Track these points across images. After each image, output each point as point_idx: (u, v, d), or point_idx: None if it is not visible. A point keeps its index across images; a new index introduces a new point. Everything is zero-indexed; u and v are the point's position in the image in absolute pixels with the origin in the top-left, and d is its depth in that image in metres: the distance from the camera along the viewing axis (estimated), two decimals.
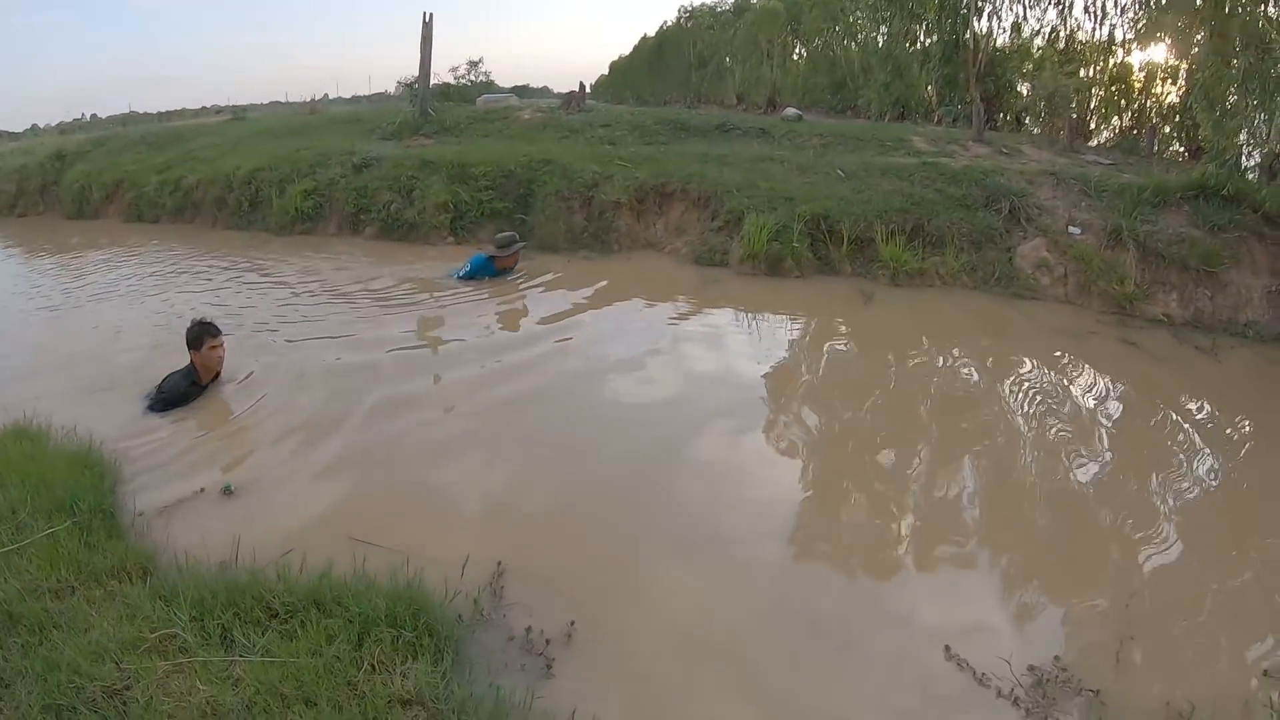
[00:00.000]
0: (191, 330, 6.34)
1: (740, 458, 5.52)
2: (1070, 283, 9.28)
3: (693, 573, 4.23)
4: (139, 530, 4.26)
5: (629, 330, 8.09)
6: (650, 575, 4.20)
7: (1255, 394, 7.17)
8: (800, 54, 25.09)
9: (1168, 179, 10.20)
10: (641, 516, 4.73)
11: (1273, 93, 8.52)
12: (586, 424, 5.96)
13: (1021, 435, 5.96)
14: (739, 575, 4.23)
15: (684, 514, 4.77)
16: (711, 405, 6.25)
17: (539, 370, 6.93)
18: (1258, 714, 3.31)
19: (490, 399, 6.33)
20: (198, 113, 38.76)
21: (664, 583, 4.14)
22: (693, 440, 5.67)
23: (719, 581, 4.18)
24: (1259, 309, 8.66)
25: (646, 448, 5.56)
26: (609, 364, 7.11)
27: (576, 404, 6.32)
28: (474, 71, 23.91)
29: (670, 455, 5.45)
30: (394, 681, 2.97)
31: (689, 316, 8.50)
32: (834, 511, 4.90)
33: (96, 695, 2.84)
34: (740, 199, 10.69)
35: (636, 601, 3.98)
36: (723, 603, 4.01)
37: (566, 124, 15.75)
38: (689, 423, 5.93)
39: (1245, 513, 5.12)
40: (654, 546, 4.45)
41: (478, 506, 4.82)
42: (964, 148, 13.10)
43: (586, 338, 7.79)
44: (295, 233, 12.82)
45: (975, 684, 3.48)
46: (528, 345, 7.54)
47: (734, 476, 5.25)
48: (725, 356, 7.38)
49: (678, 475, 5.21)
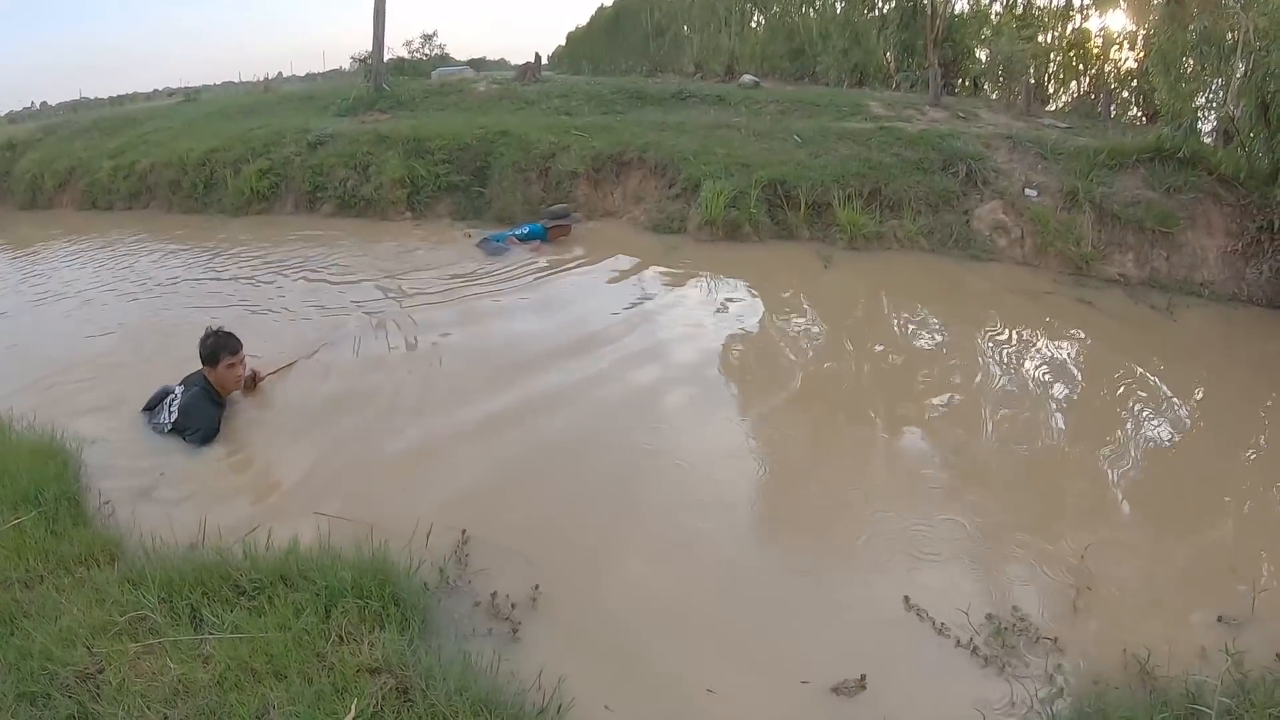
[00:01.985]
0: (206, 343, 5.55)
1: (701, 422, 5.55)
2: (1027, 244, 9.41)
3: (654, 536, 4.31)
4: (105, 516, 4.26)
5: (592, 295, 8.16)
6: (613, 539, 4.27)
7: (1210, 351, 7.37)
8: (759, 21, 24.96)
9: (1124, 142, 10.32)
10: (601, 482, 4.81)
11: (1227, 57, 8.66)
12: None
13: (979, 393, 6.07)
14: (701, 537, 4.30)
15: (645, 480, 4.84)
16: (671, 371, 6.31)
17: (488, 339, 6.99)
18: (1214, 659, 3.39)
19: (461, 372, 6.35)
20: (150, 96, 38.03)
21: (627, 546, 4.22)
22: (653, 407, 5.73)
23: (680, 542, 4.26)
24: (1214, 269, 8.84)
25: (606, 414, 5.64)
26: (565, 328, 7.21)
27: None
28: (428, 45, 23.59)
29: (632, 423, 5.51)
30: (362, 651, 3.02)
31: (648, 280, 8.57)
32: (797, 470, 4.98)
33: (70, 680, 2.87)
34: (697, 166, 10.72)
35: (599, 564, 4.05)
36: (684, 562, 4.09)
37: (522, 95, 15.73)
38: (648, 389, 5.99)
39: (1199, 467, 5.26)
40: (615, 511, 4.52)
41: (441, 477, 4.85)
42: (921, 112, 13.15)
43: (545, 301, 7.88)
44: (251, 213, 12.68)
45: (935, 633, 3.59)
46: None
47: (695, 441, 5.29)
48: (686, 320, 7.45)
49: (638, 443, 5.26)
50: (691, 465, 4.96)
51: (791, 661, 3.42)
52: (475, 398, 5.85)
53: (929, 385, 6.19)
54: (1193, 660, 3.44)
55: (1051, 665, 3.41)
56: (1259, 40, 8.13)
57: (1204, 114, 10.21)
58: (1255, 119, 8.52)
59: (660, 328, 7.22)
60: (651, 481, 4.81)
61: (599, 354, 6.59)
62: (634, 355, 6.57)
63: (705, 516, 4.46)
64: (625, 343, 6.84)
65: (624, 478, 4.86)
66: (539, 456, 5.09)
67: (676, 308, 7.74)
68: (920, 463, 5.11)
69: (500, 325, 7.31)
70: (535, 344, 6.77)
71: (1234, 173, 9.19)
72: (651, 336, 7.02)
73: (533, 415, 5.61)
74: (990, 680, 3.36)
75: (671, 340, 6.94)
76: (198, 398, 5.41)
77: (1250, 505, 4.88)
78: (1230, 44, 8.66)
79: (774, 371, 6.33)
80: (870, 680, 3.27)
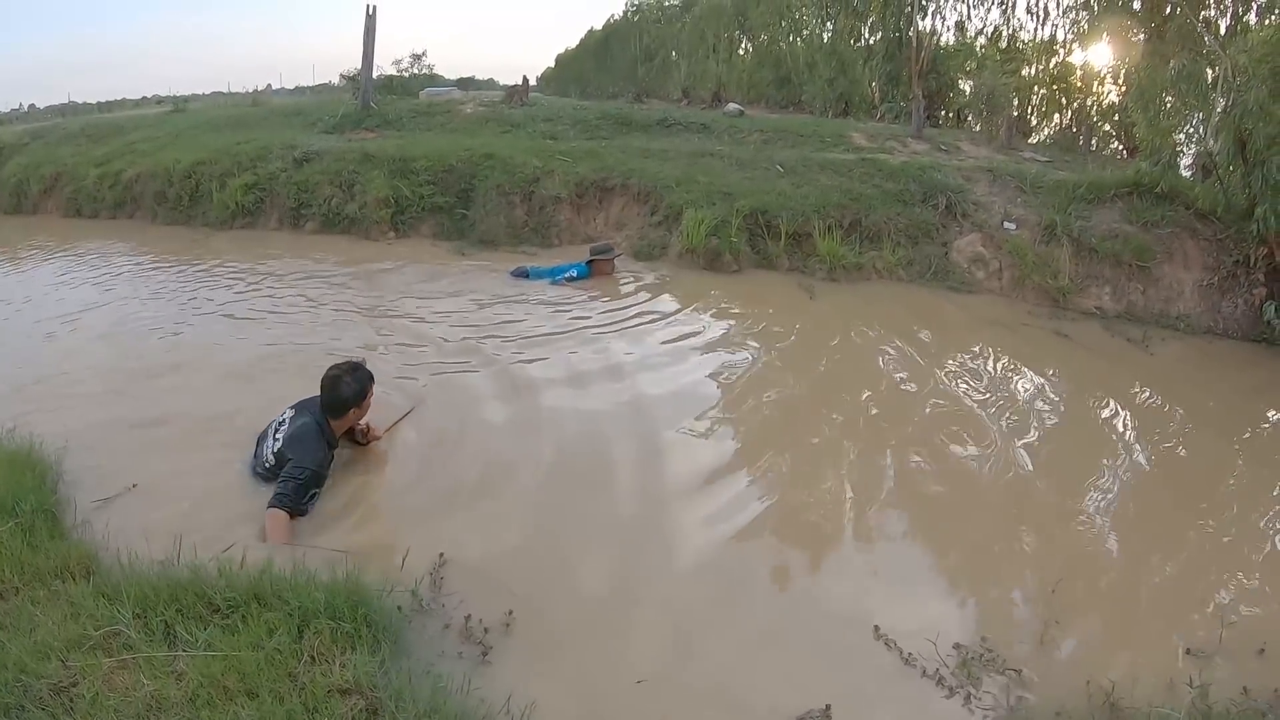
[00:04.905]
0: (353, 379, 4.86)
1: (677, 445, 5.58)
2: (1005, 276, 9.56)
3: (626, 557, 4.36)
4: (82, 530, 4.27)
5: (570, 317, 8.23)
6: (585, 560, 4.31)
7: (1186, 384, 7.45)
8: (746, 49, 25.23)
9: (1103, 176, 10.53)
10: (575, 502, 4.87)
11: (1206, 94, 8.82)
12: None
13: (954, 423, 6.13)
14: (673, 559, 4.37)
15: (619, 499, 4.90)
16: (649, 393, 6.35)
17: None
18: (1180, 691, 3.45)
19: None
20: (138, 103, 38.08)
21: (598, 568, 4.27)
22: (629, 429, 5.76)
23: (653, 564, 4.32)
24: (1190, 302, 9.01)
25: (585, 434, 5.70)
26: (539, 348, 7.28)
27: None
28: (417, 64, 23.66)
29: (606, 444, 5.56)
30: (333, 671, 3.04)
31: (629, 305, 8.63)
32: (770, 497, 5.01)
33: (44, 693, 2.89)
34: (680, 194, 10.83)
35: (573, 587, 4.10)
36: (657, 585, 4.14)
37: (509, 118, 15.86)
38: (627, 411, 6.05)
39: (1172, 500, 5.33)
40: (588, 532, 4.58)
41: (417, 499, 4.87)
42: (903, 144, 13.35)
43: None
44: (235, 227, 12.67)
45: (902, 663, 3.63)
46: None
47: (669, 463, 5.34)
48: (665, 344, 7.52)
49: (612, 463, 5.31)
50: (668, 491, 5.01)
51: (763, 694, 3.47)
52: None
53: (904, 416, 6.26)
54: (1159, 693, 3.48)
55: (1014, 698, 3.45)
56: (1238, 77, 8.28)
57: (1183, 149, 10.40)
58: (1233, 155, 8.67)
59: (626, 349, 7.32)
60: (631, 505, 4.85)
61: (582, 379, 6.65)
62: (606, 385, 6.59)
63: (682, 540, 4.52)
64: (596, 366, 6.88)
65: (598, 504, 4.89)
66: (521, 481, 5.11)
67: (650, 335, 7.80)
68: (893, 493, 5.16)
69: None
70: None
71: (1211, 207, 9.39)
72: (617, 358, 7.08)
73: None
74: (955, 711, 3.41)
75: (640, 363, 7.01)
76: (311, 431, 4.74)
77: (1221, 538, 4.94)
78: (1209, 81, 8.83)
79: (751, 401, 6.37)
80: (836, 711, 3.30)
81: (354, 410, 4.90)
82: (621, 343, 7.49)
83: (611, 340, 7.56)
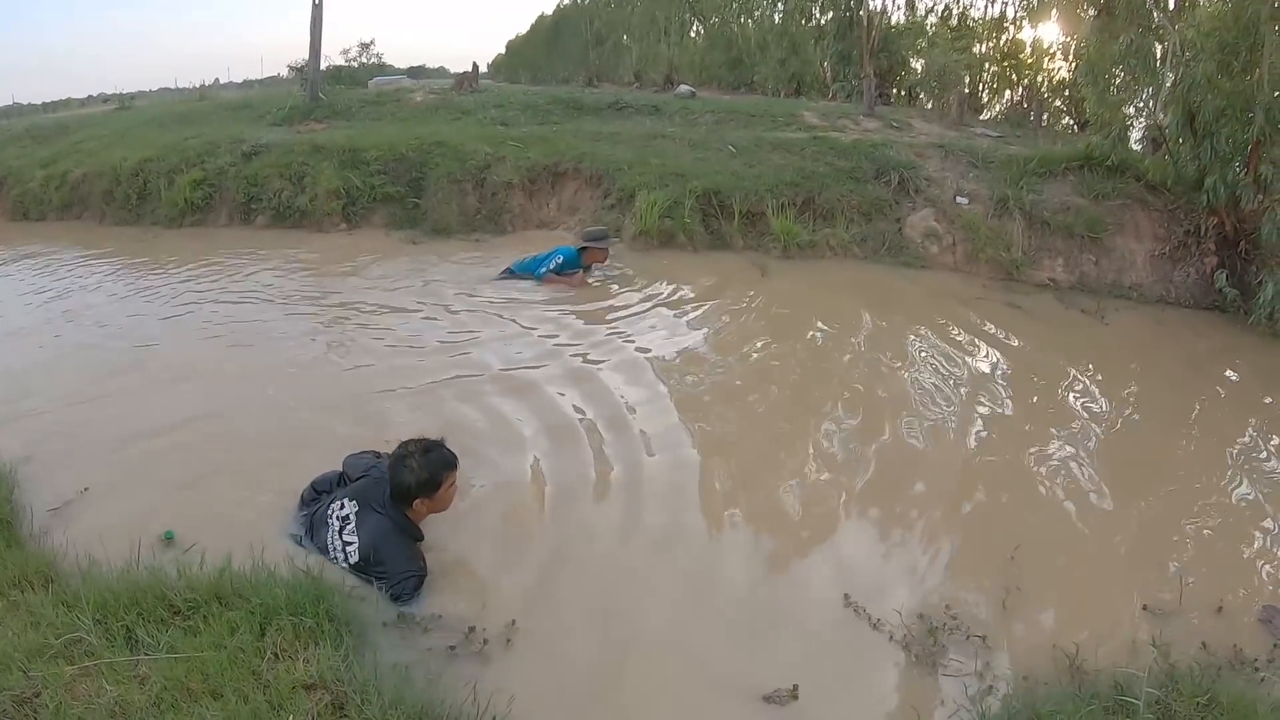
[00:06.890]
0: (422, 462, 3.97)
1: (643, 434, 5.57)
2: (958, 251, 9.66)
3: (597, 546, 4.40)
4: (39, 537, 4.22)
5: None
6: (554, 554, 4.32)
7: (1140, 352, 7.65)
8: (698, 31, 25.18)
9: (1054, 150, 10.73)
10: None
11: (1154, 68, 8.96)
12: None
13: (911, 397, 6.22)
14: (641, 543, 4.42)
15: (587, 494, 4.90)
16: (611, 386, 6.32)
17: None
18: (1143, 651, 3.53)
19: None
20: (84, 102, 37.55)
21: (560, 551, 4.32)
22: (591, 422, 5.74)
23: (620, 546, 4.39)
24: (1142, 272, 9.19)
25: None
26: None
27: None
28: (366, 54, 23.61)
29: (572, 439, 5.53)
30: (297, 667, 3.05)
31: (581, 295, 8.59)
32: (736, 481, 5.04)
33: (7, 704, 2.87)
34: (632, 176, 10.85)
35: (538, 574, 4.13)
36: (634, 572, 4.18)
37: (459, 105, 15.76)
38: (586, 403, 6.01)
39: (1129, 465, 5.46)
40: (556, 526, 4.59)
41: None
42: (855, 122, 13.44)
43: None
44: (185, 225, 12.43)
45: (871, 629, 3.72)
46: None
47: (637, 453, 5.33)
48: (622, 329, 7.54)
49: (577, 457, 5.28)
50: (628, 477, 5.03)
51: (734, 665, 3.54)
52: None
53: (862, 390, 6.33)
54: (1122, 653, 3.57)
55: (981, 663, 3.52)
56: (1186, 51, 8.43)
57: (1132, 123, 10.53)
58: (1182, 127, 8.82)
59: (588, 335, 7.35)
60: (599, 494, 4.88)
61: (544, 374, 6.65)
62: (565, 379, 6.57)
63: (645, 524, 4.56)
64: (554, 359, 6.86)
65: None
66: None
67: (602, 319, 7.81)
68: (853, 465, 5.22)
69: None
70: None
71: (1161, 179, 9.62)
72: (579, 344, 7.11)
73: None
74: (923, 679, 3.48)
75: (604, 349, 7.03)
76: (390, 535, 3.98)
77: (1177, 500, 5.07)
78: (1158, 55, 8.97)
79: (713, 385, 6.37)
80: (807, 682, 3.37)
81: (420, 501, 4.03)
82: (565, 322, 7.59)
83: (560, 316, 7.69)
